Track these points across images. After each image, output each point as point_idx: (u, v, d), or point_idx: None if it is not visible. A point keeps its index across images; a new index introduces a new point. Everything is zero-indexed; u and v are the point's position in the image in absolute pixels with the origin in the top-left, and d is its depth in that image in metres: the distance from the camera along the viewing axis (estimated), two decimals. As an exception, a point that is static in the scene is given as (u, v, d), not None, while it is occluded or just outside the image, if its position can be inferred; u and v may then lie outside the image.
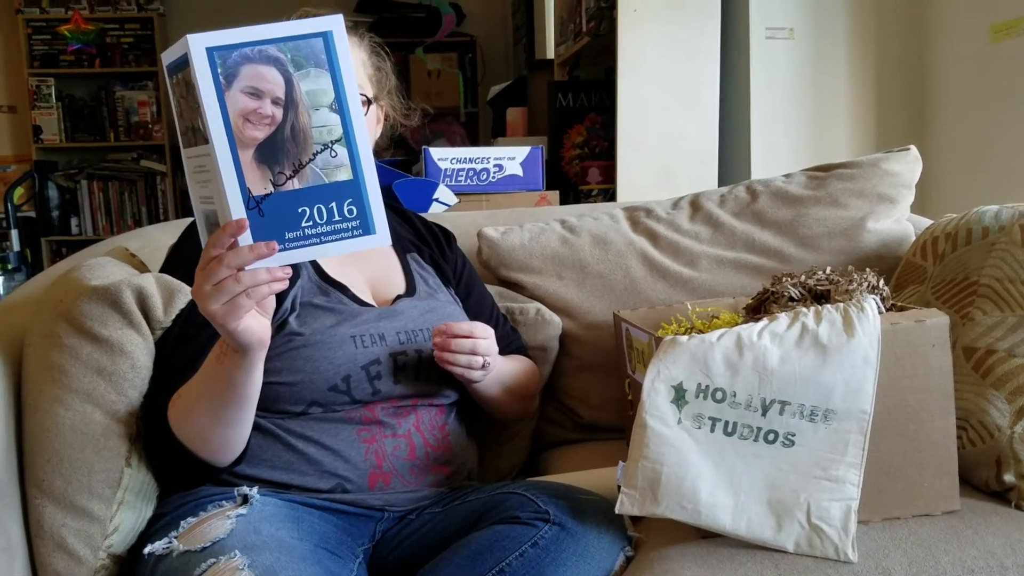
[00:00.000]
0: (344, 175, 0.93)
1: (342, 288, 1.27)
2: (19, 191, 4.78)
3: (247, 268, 0.90)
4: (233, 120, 0.87)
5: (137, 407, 1.16)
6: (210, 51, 0.85)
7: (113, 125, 5.26)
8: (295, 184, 0.91)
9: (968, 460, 1.18)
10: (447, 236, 1.50)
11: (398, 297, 1.32)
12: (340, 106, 0.92)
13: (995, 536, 1.05)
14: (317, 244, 0.92)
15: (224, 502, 1.13)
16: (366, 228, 0.94)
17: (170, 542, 1.07)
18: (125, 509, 1.14)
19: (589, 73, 3.27)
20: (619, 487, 1.06)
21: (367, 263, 1.34)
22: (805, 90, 2.64)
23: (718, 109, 2.68)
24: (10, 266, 4.07)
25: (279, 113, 0.89)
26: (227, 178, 0.88)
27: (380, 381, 1.21)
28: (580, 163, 2.99)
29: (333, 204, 0.92)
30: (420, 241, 1.45)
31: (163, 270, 1.25)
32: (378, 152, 1.44)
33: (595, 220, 1.67)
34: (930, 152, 2.41)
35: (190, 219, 1.37)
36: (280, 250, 0.90)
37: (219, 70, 0.86)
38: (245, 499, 1.12)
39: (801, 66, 2.62)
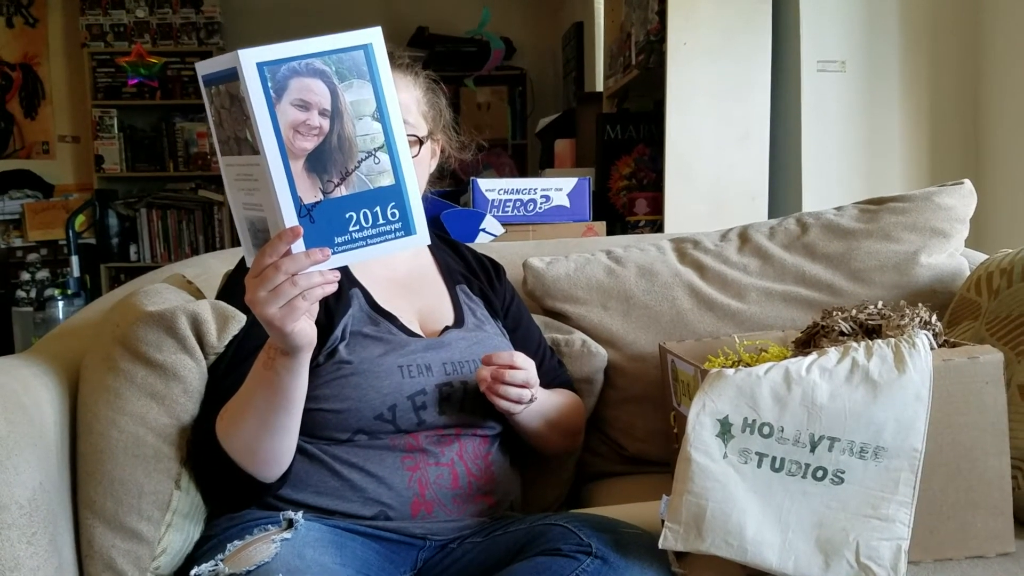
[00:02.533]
0: (387, 180, 0.97)
1: (391, 318, 1.28)
2: (80, 218, 4.91)
3: (301, 272, 0.94)
4: (284, 132, 0.91)
5: (189, 430, 1.18)
6: (260, 66, 0.88)
7: (172, 155, 5.40)
8: (343, 191, 0.95)
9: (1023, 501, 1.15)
10: (496, 268, 1.51)
11: (446, 328, 1.32)
12: (381, 115, 0.96)
13: (1053, 581, 1.02)
14: (364, 247, 0.97)
15: (269, 526, 1.14)
16: (408, 229, 0.99)
17: (216, 564, 1.08)
18: (173, 531, 1.16)
19: (638, 105, 3.28)
20: (663, 521, 1.05)
21: (417, 294, 1.35)
22: (857, 123, 2.61)
23: (768, 142, 2.66)
24: (70, 291, 4.17)
25: (326, 124, 0.93)
26: (280, 188, 0.91)
27: (425, 411, 1.22)
28: (627, 194, 2.99)
29: (377, 208, 0.97)
30: (470, 272, 1.46)
31: (219, 296, 1.28)
32: (429, 184, 1.46)
33: (641, 251, 1.66)
34: (985, 186, 2.37)
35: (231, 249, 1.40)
36: (331, 254, 0.95)
37: (269, 84, 0.89)
38: (290, 523, 1.13)
39: (853, 99, 2.60)
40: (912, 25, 2.59)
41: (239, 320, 1.19)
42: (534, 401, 1.22)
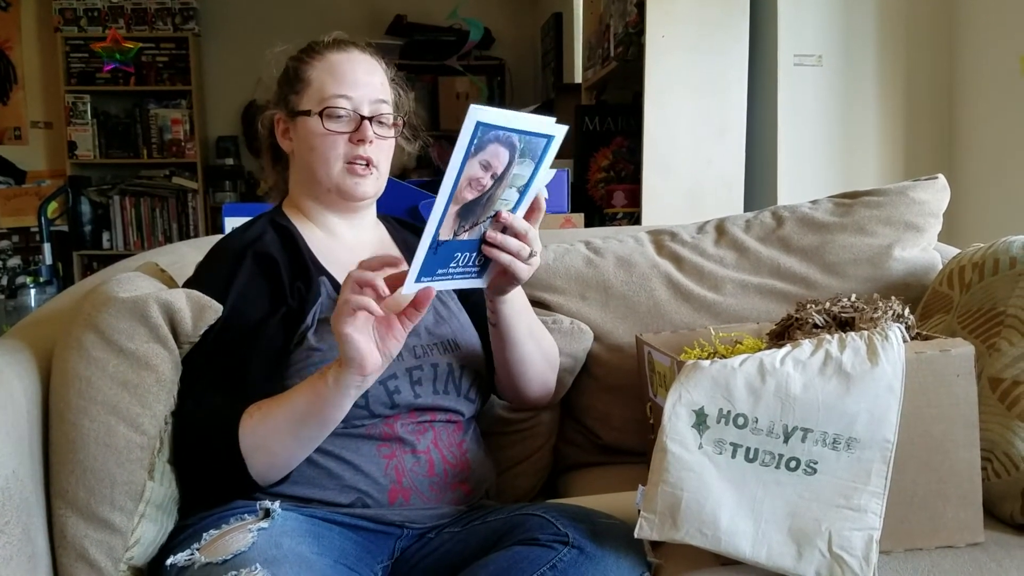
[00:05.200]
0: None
1: None
2: (52, 205, 4.85)
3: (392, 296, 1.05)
4: (461, 181, 0.99)
5: (161, 420, 1.17)
6: (479, 124, 0.96)
7: (146, 142, 5.34)
8: (464, 236, 1.07)
9: (993, 492, 1.17)
10: None
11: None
12: (524, 189, 1.09)
13: (1019, 570, 1.04)
14: (447, 280, 1.10)
15: (246, 515, 1.14)
16: (480, 274, 1.15)
17: (192, 554, 1.08)
18: (147, 522, 1.15)
19: (616, 97, 3.28)
20: (639, 511, 1.06)
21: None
22: (833, 117, 2.63)
23: (745, 135, 2.68)
24: (42, 279, 4.11)
25: (489, 184, 1.03)
26: (431, 222, 1.00)
27: (398, 395, 1.22)
28: (605, 186, 3.00)
29: (472, 254, 1.10)
30: None
31: (188, 285, 1.27)
32: (405, 173, 1.45)
33: (620, 242, 1.67)
34: (958, 181, 2.40)
35: (218, 236, 1.39)
36: (427, 281, 1.06)
37: (475, 141, 0.97)
38: (267, 513, 1.13)
39: (829, 93, 2.62)
40: (888, 20, 2.61)
41: (215, 310, 1.18)
42: (534, 258, 1.15)
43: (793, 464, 1.04)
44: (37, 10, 5.29)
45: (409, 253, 1.32)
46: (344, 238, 1.35)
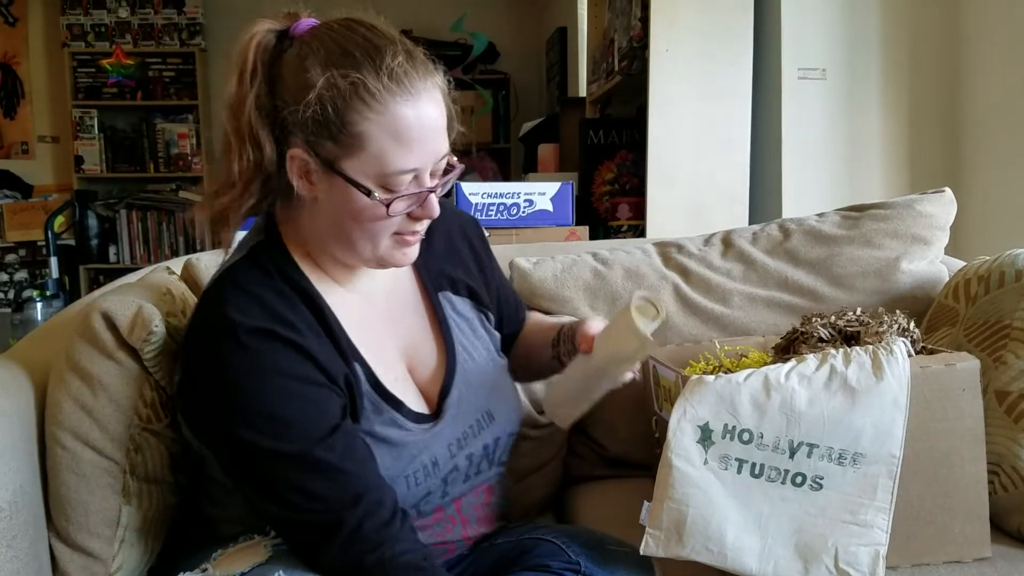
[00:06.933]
0: None
1: (397, 405, 1.07)
2: (59, 219, 4.87)
3: None
4: None
5: (126, 441, 1.11)
6: None
7: (153, 156, 5.36)
8: None
9: (1000, 506, 1.16)
10: (472, 234, 1.27)
11: (442, 392, 1.13)
12: None
13: (1028, 585, 1.04)
14: None
15: (256, 535, 1.06)
16: None
17: (205, 570, 1.02)
18: (127, 547, 1.12)
19: (621, 111, 3.29)
20: (644, 528, 1.06)
21: (399, 323, 1.15)
22: (837, 130, 2.63)
23: (749, 148, 2.68)
24: (48, 293, 4.13)
25: None
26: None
27: (428, 505, 1.11)
28: (610, 199, 3.01)
29: None
30: (450, 260, 1.22)
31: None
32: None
33: (627, 254, 1.67)
34: (964, 194, 2.39)
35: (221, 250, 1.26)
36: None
37: None
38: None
39: (833, 107, 2.62)
40: (892, 34, 2.61)
41: (149, 312, 1.08)
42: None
43: (799, 480, 1.03)
44: (44, 25, 5.32)
45: (426, 276, 1.17)
46: (362, 291, 1.11)
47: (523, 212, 2.31)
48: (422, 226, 1.05)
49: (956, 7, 2.55)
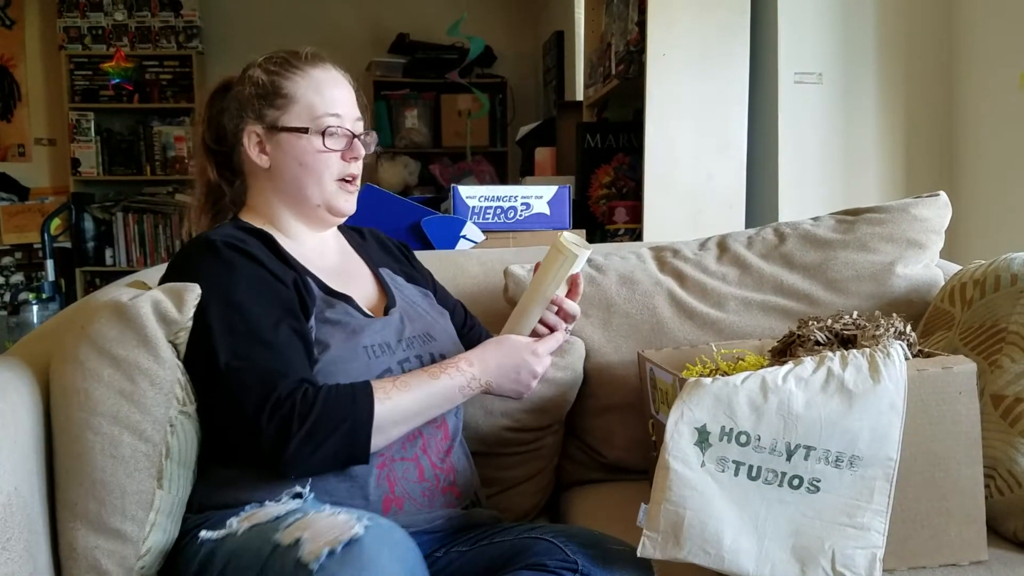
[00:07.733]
0: None
1: (347, 299, 1.27)
2: (56, 222, 4.86)
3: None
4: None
5: (165, 425, 1.14)
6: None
7: (149, 159, 5.36)
8: None
9: (996, 509, 1.16)
10: (406, 250, 1.53)
11: (387, 308, 1.32)
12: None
13: (1024, 588, 1.04)
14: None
15: (270, 502, 1.11)
16: None
17: (230, 526, 1.06)
18: (157, 530, 1.14)
19: (617, 115, 3.30)
20: (642, 530, 1.06)
21: (353, 279, 1.35)
22: (833, 135, 2.64)
23: (746, 152, 2.68)
24: (44, 295, 4.11)
25: None
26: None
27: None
28: (607, 203, 3.01)
29: None
30: (387, 255, 1.47)
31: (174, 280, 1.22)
32: (408, 190, 1.45)
33: (622, 259, 1.67)
34: (959, 198, 2.40)
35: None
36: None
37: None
38: (298, 495, 1.11)
39: (830, 111, 2.63)
40: (888, 38, 2.62)
41: (192, 289, 1.16)
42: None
43: (796, 482, 1.03)
44: (41, 28, 5.32)
45: (367, 258, 1.42)
46: (310, 246, 1.34)
47: (520, 215, 2.31)
48: (357, 168, 1.32)
49: (951, 12, 2.56)
